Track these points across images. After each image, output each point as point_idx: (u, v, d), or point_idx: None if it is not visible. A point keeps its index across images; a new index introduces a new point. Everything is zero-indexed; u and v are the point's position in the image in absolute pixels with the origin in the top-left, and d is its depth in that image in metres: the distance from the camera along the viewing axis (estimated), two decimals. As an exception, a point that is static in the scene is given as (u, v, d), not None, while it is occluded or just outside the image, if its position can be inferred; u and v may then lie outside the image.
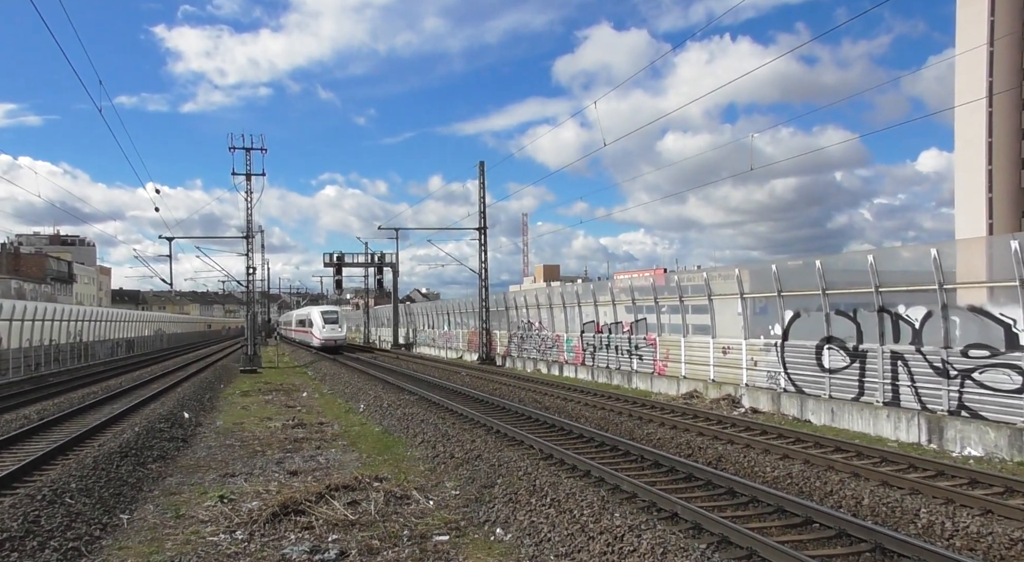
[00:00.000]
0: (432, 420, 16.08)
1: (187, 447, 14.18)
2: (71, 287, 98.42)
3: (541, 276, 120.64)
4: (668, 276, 26.74)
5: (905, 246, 21.97)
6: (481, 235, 40.05)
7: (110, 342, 48.88)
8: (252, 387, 26.68)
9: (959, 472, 10.54)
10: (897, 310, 14.92)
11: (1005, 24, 54.57)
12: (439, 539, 8.07)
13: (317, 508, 8.95)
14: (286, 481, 10.91)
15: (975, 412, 13.01)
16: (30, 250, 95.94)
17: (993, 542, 7.54)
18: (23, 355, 31.69)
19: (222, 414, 19.32)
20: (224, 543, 7.96)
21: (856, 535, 7.61)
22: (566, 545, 7.46)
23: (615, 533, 7.36)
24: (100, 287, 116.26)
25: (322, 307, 61.79)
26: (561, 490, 9.18)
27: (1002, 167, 55.77)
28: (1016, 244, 12.41)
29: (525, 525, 8.26)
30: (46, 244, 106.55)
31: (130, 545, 8.07)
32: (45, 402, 21.52)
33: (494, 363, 37.75)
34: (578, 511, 8.23)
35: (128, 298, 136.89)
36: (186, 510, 9.39)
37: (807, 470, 10.84)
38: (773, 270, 18.30)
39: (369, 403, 20.10)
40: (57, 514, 8.51)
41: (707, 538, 7.65)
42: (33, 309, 33.53)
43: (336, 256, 56.70)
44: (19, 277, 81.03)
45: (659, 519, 8.23)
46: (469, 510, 9.22)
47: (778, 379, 18.05)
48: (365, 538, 7.99)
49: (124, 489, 10.32)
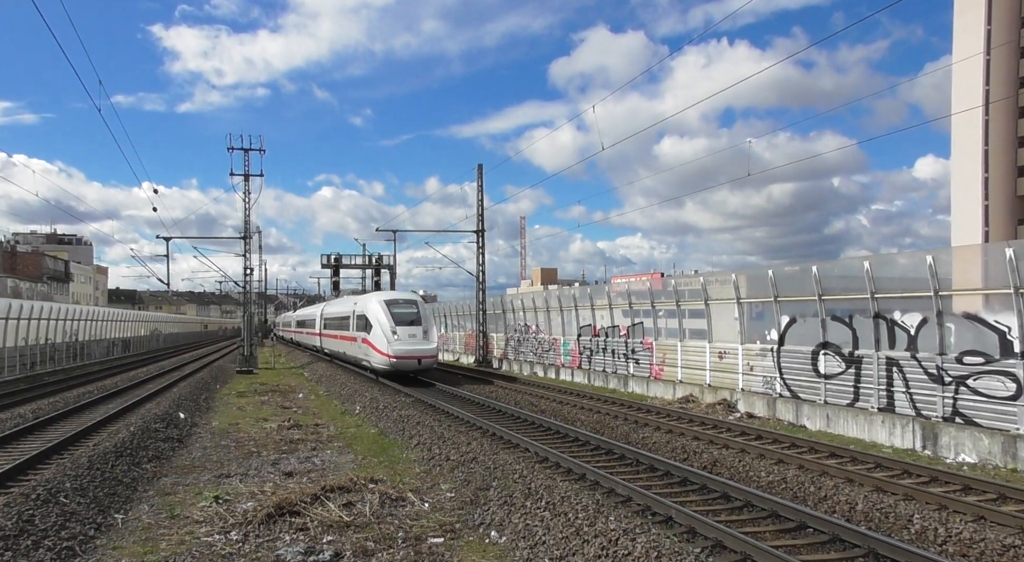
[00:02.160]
0: (428, 422, 16.09)
1: (182, 447, 14.16)
2: (67, 286, 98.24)
3: (538, 279, 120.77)
4: (665, 280, 26.77)
5: (901, 253, 22.09)
6: (479, 238, 40.08)
7: (106, 342, 48.75)
8: (248, 388, 26.64)
9: (953, 478, 10.58)
10: (893, 316, 14.97)
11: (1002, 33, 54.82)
12: (434, 541, 8.07)
13: (312, 509, 8.95)
14: (281, 482, 10.90)
15: (969, 419, 13.05)
16: (27, 249, 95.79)
17: (986, 548, 7.57)
18: (18, 354, 31.60)
19: (218, 415, 19.29)
20: (219, 544, 7.96)
21: (850, 540, 7.64)
22: (561, 548, 7.47)
23: (610, 537, 7.38)
24: (97, 286, 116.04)
25: (386, 293, 32.81)
26: (556, 493, 9.19)
27: (998, 175, 56.02)
28: (1011, 252, 12.47)
29: (520, 528, 8.27)
30: (43, 243, 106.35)
31: (124, 545, 8.06)
32: (40, 401, 21.47)
33: (491, 366, 37.74)
34: (573, 514, 8.24)
35: (125, 298, 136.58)
36: (181, 510, 9.38)
37: (801, 475, 10.87)
38: (769, 275, 18.34)
39: (365, 405, 20.09)
40: (51, 513, 8.50)
41: (701, 542, 7.67)
42: (29, 308, 33.45)
43: (334, 257, 56.66)
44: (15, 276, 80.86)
45: (654, 523, 8.25)
46: (464, 512, 9.23)
47: (774, 384, 18.08)
48: (360, 540, 7.99)
49: (119, 489, 10.30)
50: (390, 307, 26.87)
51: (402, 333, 25.91)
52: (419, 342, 26.07)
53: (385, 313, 26.54)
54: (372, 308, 27.50)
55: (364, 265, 60.60)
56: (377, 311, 26.97)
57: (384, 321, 26.30)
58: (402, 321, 26.35)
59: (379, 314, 26.74)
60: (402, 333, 25.91)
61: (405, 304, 27.64)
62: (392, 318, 26.32)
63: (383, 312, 26.66)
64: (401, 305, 27.37)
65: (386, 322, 26.21)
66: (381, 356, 26.16)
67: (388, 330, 25.91)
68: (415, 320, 26.62)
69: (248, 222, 37.40)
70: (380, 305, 27.14)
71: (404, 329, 26.05)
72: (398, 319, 26.37)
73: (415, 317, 26.80)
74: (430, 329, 26.98)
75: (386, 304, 27.12)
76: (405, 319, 26.53)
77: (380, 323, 26.45)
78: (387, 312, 26.56)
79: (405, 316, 26.72)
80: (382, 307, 26.92)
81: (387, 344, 25.76)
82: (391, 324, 26.07)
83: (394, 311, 26.66)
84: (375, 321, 26.84)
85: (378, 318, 26.69)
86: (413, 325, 26.31)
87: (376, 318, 26.84)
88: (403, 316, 26.67)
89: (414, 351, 25.74)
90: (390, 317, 26.34)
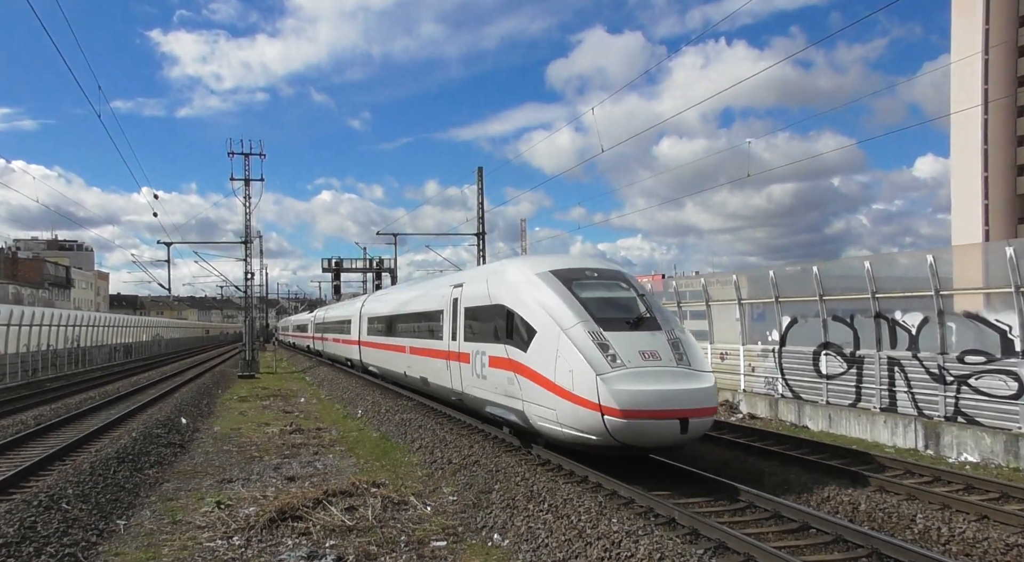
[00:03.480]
0: (430, 425, 16.08)
1: (184, 453, 14.16)
2: (69, 292, 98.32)
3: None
4: (666, 282, 26.77)
5: (901, 252, 22.08)
6: (479, 240, 40.10)
7: (108, 347, 48.77)
8: (250, 392, 26.64)
9: (955, 478, 10.56)
10: (894, 316, 14.97)
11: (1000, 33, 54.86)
12: (437, 545, 8.07)
13: (314, 514, 8.95)
14: (283, 487, 10.90)
15: (971, 418, 13.03)
16: (28, 255, 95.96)
17: (989, 547, 7.56)
18: (20, 360, 31.63)
19: (220, 419, 19.29)
20: (221, 549, 7.96)
21: (852, 540, 7.63)
22: (563, 550, 7.47)
23: (612, 538, 7.37)
24: (98, 292, 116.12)
25: (542, 258, 13.20)
26: (558, 496, 9.18)
27: (998, 174, 56.01)
28: (1011, 250, 12.46)
29: (522, 531, 8.26)
30: (44, 249, 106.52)
31: (127, 551, 8.06)
32: (42, 407, 21.48)
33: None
34: (575, 517, 8.24)
35: (126, 303, 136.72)
36: (183, 516, 9.38)
37: (804, 475, 10.85)
38: (771, 276, 18.34)
39: (367, 408, 20.08)
40: (53, 520, 8.50)
41: (704, 543, 7.66)
42: (31, 314, 33.48)
43: (334, 261, 56.73)
44: (17, 282, 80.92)
45: (656, 525, 8.23)
46: (467, 516, 9.22)
47: (776, 385, 18.07)
48: (363, 544, 7.98)
49: (121, 495, 10.30)
50: (572, 286, 11.36)
51: (624, 348, 10.22)
52: (672, 373, 10.23)
53: (564, 299, 11.05)
54: (525, 290, 11.84)
55: (365, 269, 60.66)
56: (542, 296, 11.40)
57: (568, 319, 10.67)
58: (612, 319, 10.77)
59: (549, 300, 11.19)
60: (624, 348, 10.22)
61: (604, 280, 11.88)
62: (586, 310, 10.80)
63: (558, 297, 11.14)
64: (595, 281, 11.74)
65: (573, 321, 10.59)
66: (570, 405, 10.09)
67: (586, 342, 10.24)
68: (641, 317, 11.05)
69: (249, 226, 37.49)
70: (545, 282, 11.57)
71: (625, 340, 10.39)
72: (599, 313, 10.81)
73: (638, 310, 11.22)
74: (683, 338, 11.05)
75: (560, 279, 11.54)
76: (616, 314, 11.03)
77: (559, 323, 10.69)
78: (568, 297, 11.09)
79: (614, 306, 11.31)
80: (552, 286, 11.40)
81: (589, 378, 9.85)
82: (589, 327, 10.46)
83: (584, 295, 11.20)
84: (541, 319, 11.09)
85: (549, 310, 11.02)
86: (641, 328, 10.78)
87: (542, 311, 11.14)
88: (610, 306, 11.25)
89: (668, 396, 9.87)
90: (579, 308, 10.85)
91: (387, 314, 23.79)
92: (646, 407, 9.56)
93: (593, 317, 10.60)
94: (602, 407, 9.53)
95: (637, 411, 9.51)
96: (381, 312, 25.18)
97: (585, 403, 9.74)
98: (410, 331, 19.69)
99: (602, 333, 10.30)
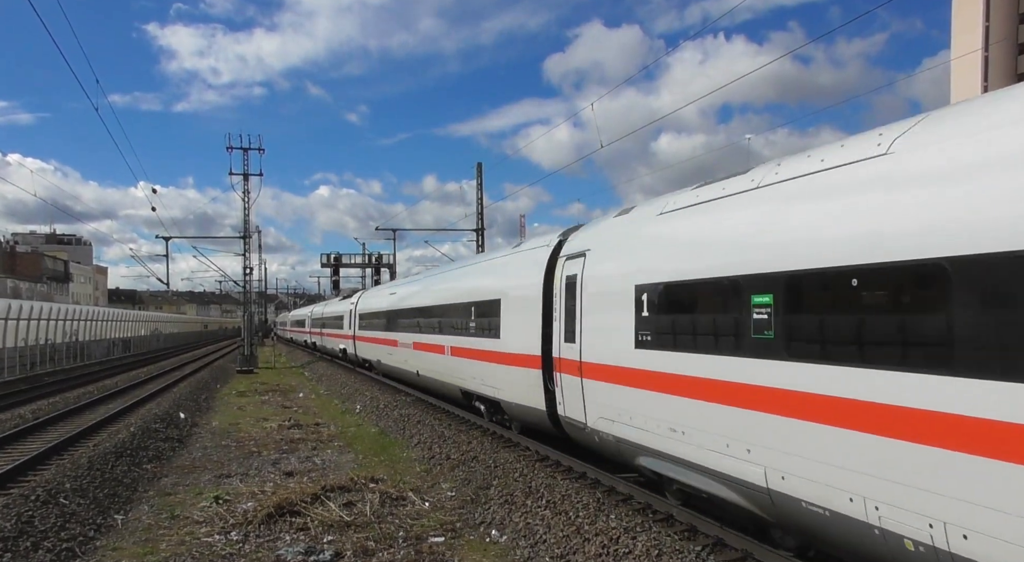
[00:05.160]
0: (428, 421, 16.08)
1: (183, 448, 14.15)
2: (67, 286, 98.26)
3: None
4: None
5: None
6: (479, 236, 40.07)
7: (106, 342, 48.75)
8: (248, 388, 26.64)
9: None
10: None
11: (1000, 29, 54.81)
12: (435, 540, 8.07)
13: (312, 509, 8.95)
14: (282, 482, 10.90)
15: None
16: (26, 249, 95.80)
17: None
18: (18, 354, 31.62)
19: (218, 414, 19.29)
20: (219, 544, 7.95)
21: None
22: (561, 547, 7.46)
23: (611, 535, 7.37)
24: (96, 286, 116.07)
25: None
26: (557, 492, 9.18)
27: (998, 171, 55.94)
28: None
29: (521, 527, 8.26)
30: (42, 243, 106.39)
31: (124, 546, 8.05)
32: (40, 401, 21.45)
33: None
34: (574, 513, 8.24)
35: (125, 298, 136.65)
36: (181, 511, 9.37)
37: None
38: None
39: (365, 404, 20.08)
40: (51, 514, 8.50)
41: (702, 540, 7.65)
42: (29, 308, 33.45)
43: (333, 257, 56.67)
44: (15, 276, 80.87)
45: (655, 521, 8.23)
46: (465, 511, 9.22)
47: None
48: (360, 539, 7.98)
49: (119, 489, 10.30)
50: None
51: None
52: None
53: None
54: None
55: (364, 264, 60.63)
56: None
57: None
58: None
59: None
60: None
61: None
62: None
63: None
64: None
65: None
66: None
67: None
68: None
69: (248, 221, 37.43)
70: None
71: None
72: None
73: None
74: None
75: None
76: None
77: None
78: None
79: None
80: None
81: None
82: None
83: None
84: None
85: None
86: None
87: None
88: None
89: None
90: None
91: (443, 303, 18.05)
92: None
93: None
94: None
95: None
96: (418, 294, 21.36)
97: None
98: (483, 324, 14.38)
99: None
